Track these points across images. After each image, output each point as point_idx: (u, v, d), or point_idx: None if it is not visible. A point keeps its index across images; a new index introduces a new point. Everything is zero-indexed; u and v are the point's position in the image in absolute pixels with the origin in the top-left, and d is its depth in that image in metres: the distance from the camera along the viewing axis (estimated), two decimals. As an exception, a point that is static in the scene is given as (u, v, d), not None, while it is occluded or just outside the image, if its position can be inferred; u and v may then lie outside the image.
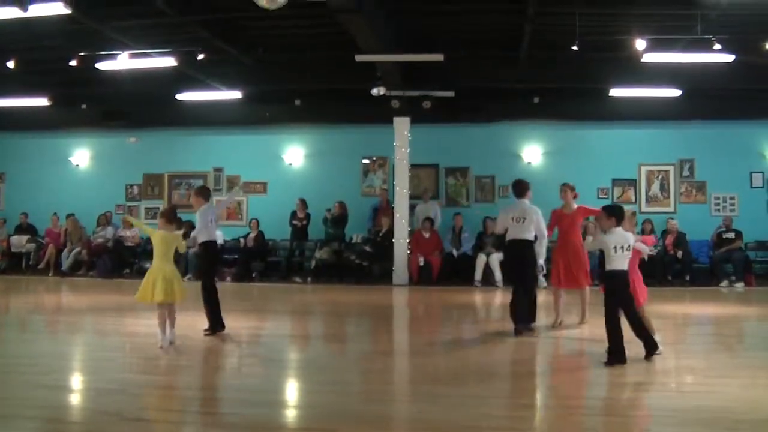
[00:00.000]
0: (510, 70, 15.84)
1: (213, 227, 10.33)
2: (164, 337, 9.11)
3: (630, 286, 8.19)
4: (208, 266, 10.48)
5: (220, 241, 15.28)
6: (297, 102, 17.79)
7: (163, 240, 9.30)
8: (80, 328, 11.41)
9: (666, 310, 12.00)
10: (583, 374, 8.15)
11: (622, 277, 8.11)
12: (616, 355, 7.95)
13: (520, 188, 10.51)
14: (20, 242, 20.17)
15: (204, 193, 10.49)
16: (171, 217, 9.54)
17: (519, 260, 10.37)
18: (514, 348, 9.63)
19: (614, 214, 8.31)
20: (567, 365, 8.69)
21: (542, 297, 12.16)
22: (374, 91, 16.03)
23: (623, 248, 8.09)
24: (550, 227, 10.84)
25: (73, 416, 6.48)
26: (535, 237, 10.34)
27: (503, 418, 6.20)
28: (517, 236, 10.28)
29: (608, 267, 8.16)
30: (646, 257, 8.81)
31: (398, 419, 6.39)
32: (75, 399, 7.09)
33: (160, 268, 9.17)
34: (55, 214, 20.05)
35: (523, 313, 10.16)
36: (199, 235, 10.23)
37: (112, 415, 6.09)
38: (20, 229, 20.55)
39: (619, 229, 8.22)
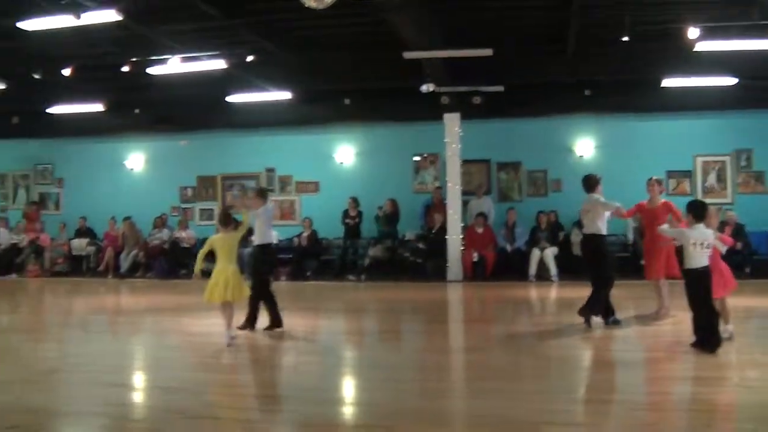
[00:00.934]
0: (559, 63, 15.70)
1: (271, 229, 10.45)
2: (230, 332, 9.38)
3: (710, 282, 8.07)
4: (263, 267, 10.56)
5: (275, 241, 15.55)
6: (346, 101, 17.82)
7: (224, 242, 9.65)
8: (140, 328, 11.60)
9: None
10: (643, 369, 8.07)
11: (699, 273, 7.99)
12: (712, 338, 7.90)
13: (588, 183, 10.43)
14: (80, 245, 20.61)
15: (264, 195, 10.60)
16: (226, 220, 9.86)
17: (589, 254, 10.38)
18: (571, 342, 9.55)
19: (693, 210, 8.21)
20: (627, 359, 8.58)
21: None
22: (423, 88, 16.00)
23: (702, 245, 7.98)
24: (629, 212, 10.81)
25: (136, 414, 6.59)
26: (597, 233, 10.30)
27: (563, 413, 6.13)
28: (587, 231, 10.34)
29: (687, 264, 8.05)
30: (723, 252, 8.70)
31: (456, 415, 6.38)
32: (138, 397, 7.22)
33: (224, 268, 9.52)
34: (112, 217, 20.40)
35: (603, 307, 10.11)
36: (259, 237, 10.35)
37: (175, 413, 6.19)
38: (80, 233, 20.98)
39: (701, 226, 8.11)
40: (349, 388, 7.60)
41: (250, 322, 10.22)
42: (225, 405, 6.85)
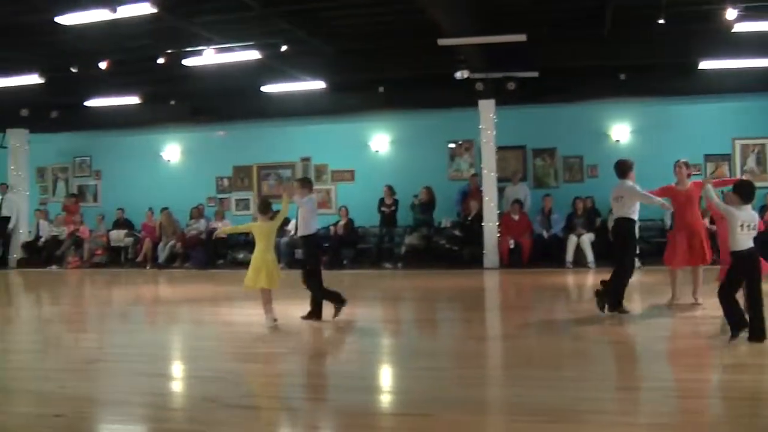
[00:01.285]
0: (594, 47, 15.51)
1: (315, 220, 10.44)
2: (269, 317, 9.69)
3: (758, 263, 7.92)
4: (310, 258, 10.59)
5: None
6: (381, 89, 17.79)
7: (262, 230, 9.86)
8: (178, 319, 11.70)
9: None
10: (683, 355, 7.97)
11: (747, 255, 7.85)
12: (738, 325, 7.77)
13: (620, 168, 10.32)
14: (118, 237, 20.86)
15: (309, 185, 10.62)
16: (265, 208, 10.15)
17: (615, 238, 10.33)
18: (609, 329, 9.49)
19: (741, 190, 8.06)
20: (665, 346, 8.51)
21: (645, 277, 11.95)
22: (458, 75, 15.94)
23: (749, 227, 7.85)
24: (655, 193, 10.65)
25: (176, 403, 6.65)
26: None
27: (603, 401, 6.07)
28: (616, 215, 10.27)
29: (734, 246, 7.88)
30: None
31: (495, 403, 6.36)
32: (177, 386, 7.28)
33: (262, 257, 9.71)
34: (150, 208, 20.59)
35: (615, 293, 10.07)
36: (303, 228, 10.40)
37: (214, 402, 6.23)
38: (118, 224, 21.23)
39: (749, 207, 7.98)
40: (387, 376, 7.60)
41: (315, 313, 10.27)
42: (263, 394, 6.90)
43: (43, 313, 13.38)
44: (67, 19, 11.65)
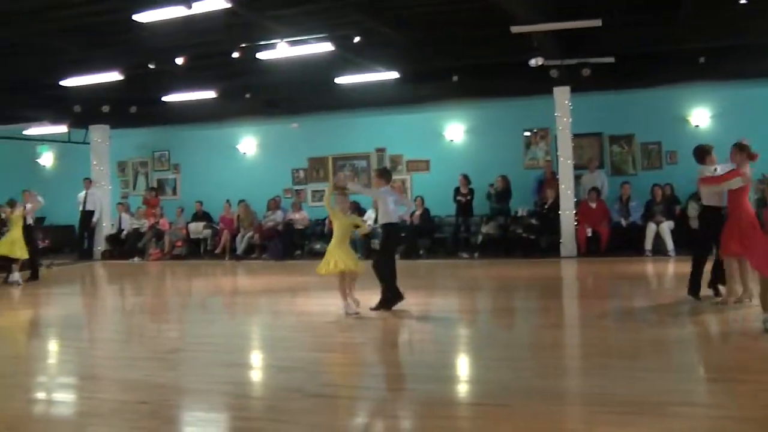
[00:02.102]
0: (672, 30, 15.11)
1: (395, 209, 10.47)
2: (346, 304, 9.90)
3: None
4: (387, 247, 10.63)
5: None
6: (455, 78, 17.68)
7: (341, 224, 10.12)
8: (257, 309, 11.85)
9: None
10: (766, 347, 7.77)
11: None
12: None
13: (696, 154, 10.09)
14: (197, 229, 21.22)
15: (386, 175, 10.68)
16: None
17: (703, 227, 10.20)
18: (690, 319, 9.31)
19: None
20: (750, 337, 8.27)
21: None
22: (532, 62, 15.76)
23: None
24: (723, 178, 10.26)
25: (256, 392, 6.76)
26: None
27: (685, 393, 5.94)
28: (703, 202, 10.10)
29: None
30: None
31: (573, 394, 6.27)
32: (256, 376, 7.39)
33: (337, 246, 10.00)
34: (227, 201, 20.88)
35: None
36: (383, 217, 10.45)
37: (294, 391, 6.29)
38: (196, 217, 21.59)
39: None
40: (464, 366, 7.58)
41: (384, 303, 10.28)
42: (342, 384, 6.95)
43: (126, 304, 13.70)
44: (144, 17, 11.86)
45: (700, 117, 18.27)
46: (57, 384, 7.22)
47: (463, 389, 6.57)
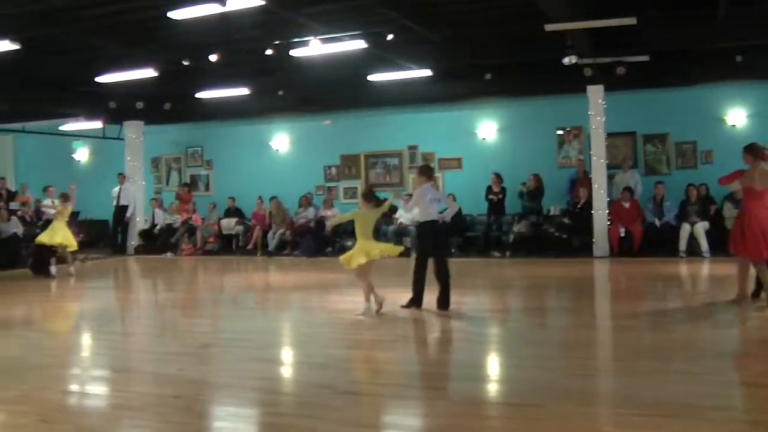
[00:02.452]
0: (708, 28, 14.94)
1: (433, 207, 10.44)
2: (374, 301, 9.92)
3: None
4: (423, 245, 10.62)
5: (417, 218, 15.96)
6: (487, 76, 17.62)
7: (364, 218, 10.12)
8: (288, 305, 11.92)
9: None
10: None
11: None
12: None
13: (751, 152, 9.89)
14: (229, 225, 21.34)
15: (426, 172, 10.66)
16: (370, 196, 10.37)
17: None
18: (725, 321, 9.22)
19: None
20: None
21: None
22: (565, 61, 15.66)
23: None
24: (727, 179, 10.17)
25: (287, 388, 6.79)
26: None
27: (719, 397, 5.87)
28: None
29: None
30: None
31: (605, 395, 6.25)
32: (288, 372, 7.43)
33: (362, 243, 10.03)
34: (259, 197, 20.97)
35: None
36: (421, 215, 10.44)
37: (325, 388, 6.31)
38: (229, 213, 21.72)
39: None
40: (496, 365, 7.57)
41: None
42: (372, 381, 6.96)
43: (159, 298, 13.83)
44: (179, 14, 11.94)
45: (737, 116, 18.04)
46: (91, 376, 7.31)
47: (494, 388, 6.55)
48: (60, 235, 15.32)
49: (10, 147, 25.49)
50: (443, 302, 10.13)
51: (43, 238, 15.34)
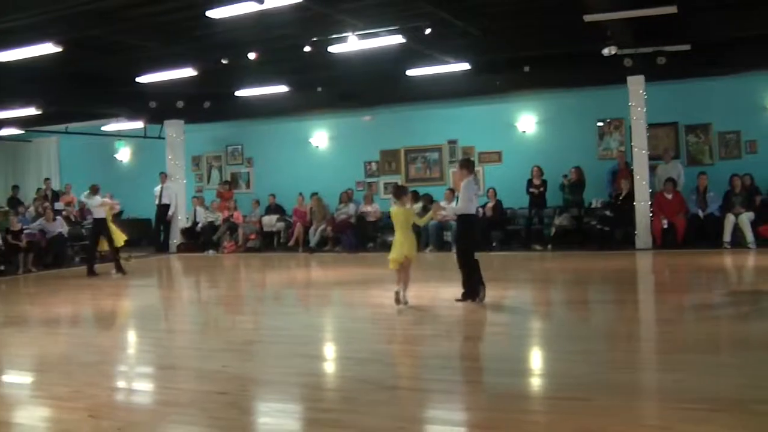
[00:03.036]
0: (751, 15, 14.71)
1: (475, 200, 10.51)
2: (402, 294, 10.12)
3: None
4: (464, 237, 10.65)
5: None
6: (526, 69, 17.52)
7: (398, 216, 10.32)
8: (330, 301, 11.97)
9: None
10: None
11: None
12: None
13: None
14: (271, 222, 21.46)
15: (468, 166, 10.68)
16: (399, 194, 10.57)
17: None
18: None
19: None
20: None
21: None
22: (605, 51, 15.52)
23: None
24: None
25: (331, 384, 6.81)
26: None
27: (766, 389, 5.76)
28: None
29: None
30: None
31: (651, 389, 6.18)
32: (331, 367, 7.46)
33: (399, 240, 10.23)
34: (300, 194, 21.05)
35: None
36: (462, 208, 10.48)
37: (369, 383, 6.33)
38: (270, 210, 21.84)
39: None
40: (539, 359, 7.53)
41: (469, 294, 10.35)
42: (416, 376, 6.95)
43: (202, 296, 13.95)
44: (217, 13, 12.01)
45: (782, 105, 17.77)
46: (137, 373, 7.42)
47: (537, 382, 6.53)
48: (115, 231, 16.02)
49: (54, 149, 25.86)
50: (473, 293, 10.23)
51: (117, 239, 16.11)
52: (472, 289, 10.25)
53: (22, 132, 22.75)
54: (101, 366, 7.49)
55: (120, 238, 16.08)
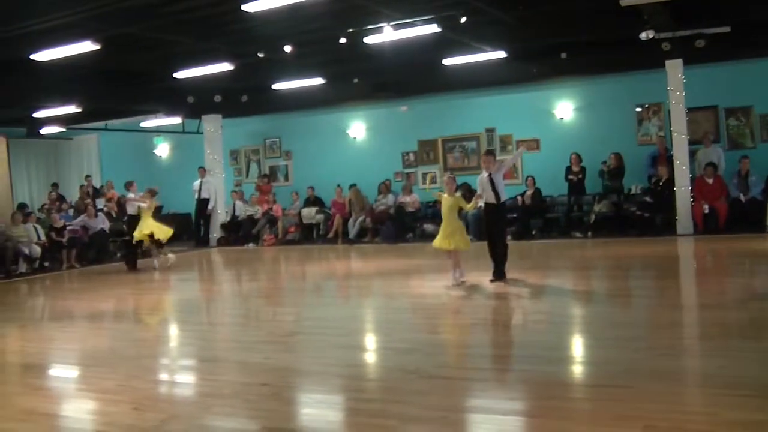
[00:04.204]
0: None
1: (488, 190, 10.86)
2: (453, 276, 10.80)
3: None
4: (504, 224, 11.60)
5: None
6: (563, 55, 17.36)
7: (445, 202, 11.01)
8: (370, 292, 11.98)
9: None
10: None
11: None
12: None
13: None
14: (310, 214, 21.55)
15: (493, 153, 11.31)
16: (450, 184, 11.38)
17: None
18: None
19: None
20: None
21: None
22: (643, 36, 15.34)
23: None
24: None
25: (372, 374, 6.83)
26: None
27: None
28: None
29: None
30: None
31: (695, 375, 6.12)
32: (372, 358, 7.48)
33: (446, 225, 10.98)
34: (338, 185, 21.11)
35: None
36: (492, 197, 11.07)
37: (410, 373, 6.34)
38: (309, 202, 21.93)
39: None
40: (580, 347, 7.48)
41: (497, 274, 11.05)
42: (457, 365, 6.95)
43: (243, 289, 14.04)
44: (253, 7, 12.05)
45: (825, 85, 17.44)
46: (180, 366, 7.50)
47: (579, 370, 6.48)
48: (149, 227, 16.01)
49: (94, 146, 26.13)
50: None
51: (137, 234, 16.06)
52: (500, 271, 11.07)
53: (63, 130, 23.03)
54: (144, 359, 7.59)
55: (161, 232, 16.20)
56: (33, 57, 14.14)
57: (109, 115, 21.90)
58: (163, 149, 26.12)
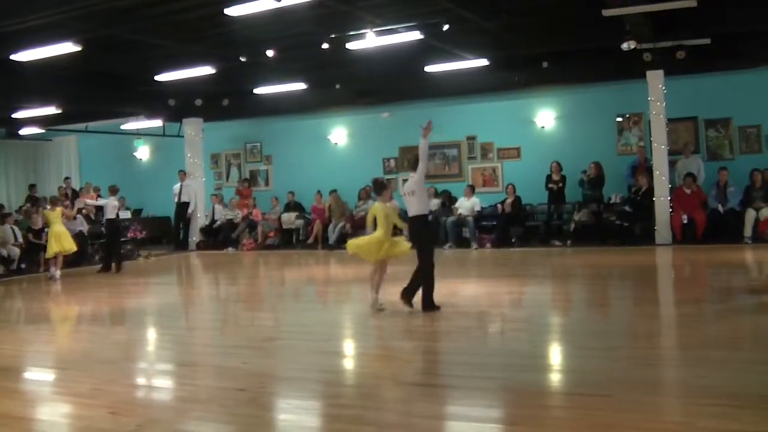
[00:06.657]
0: (771, 8, 14.64)
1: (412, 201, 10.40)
2: (373, 294, 9.98)
3: None
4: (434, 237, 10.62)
5: (477, 208, 17.71)
6: (545, 64, 17.45)
7: (379, 212, 10.40)
8: (349, 298, 11.99)
9: None
10: None
11: None
12: None
13: None
14: (290, 219, 21.50)
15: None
16: (379, 189, 10.77)
17: None
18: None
19: None
20: None
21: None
22: (624, 46, 15.43)
23: None
24: None
25: (350, 380, 6.81)
26: None
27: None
28: None
29: None
30: None
31: (673, 385, 6.14)
32: (350, 364, 7.46)
33: (379, 234, 10.28)
34: (318, 191, 21.07)
35: None
36: (421, 208, 10.53)
37: (386, 380, 6.35)
38: (289, 207, 21.87)
39: None
40: (559, 355, 7.50)
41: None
42: (434, 372, 6.95)
43: (221, 293, 13.98)
44: (235, 11, 12.03)
45: (804, 99, 17.58)
46: (157, 370, 7.45)
47: (558, 378, 6.50)
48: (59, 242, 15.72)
49: (74, 147, 26.00)
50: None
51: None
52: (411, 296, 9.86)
53: (42, 131, 22.90)
54: (121, 363, 7.53)
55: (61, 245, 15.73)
56: (13, 57, 14.06)
57: (90, 116, 21.76)
58: (143, 152, 25.99)
